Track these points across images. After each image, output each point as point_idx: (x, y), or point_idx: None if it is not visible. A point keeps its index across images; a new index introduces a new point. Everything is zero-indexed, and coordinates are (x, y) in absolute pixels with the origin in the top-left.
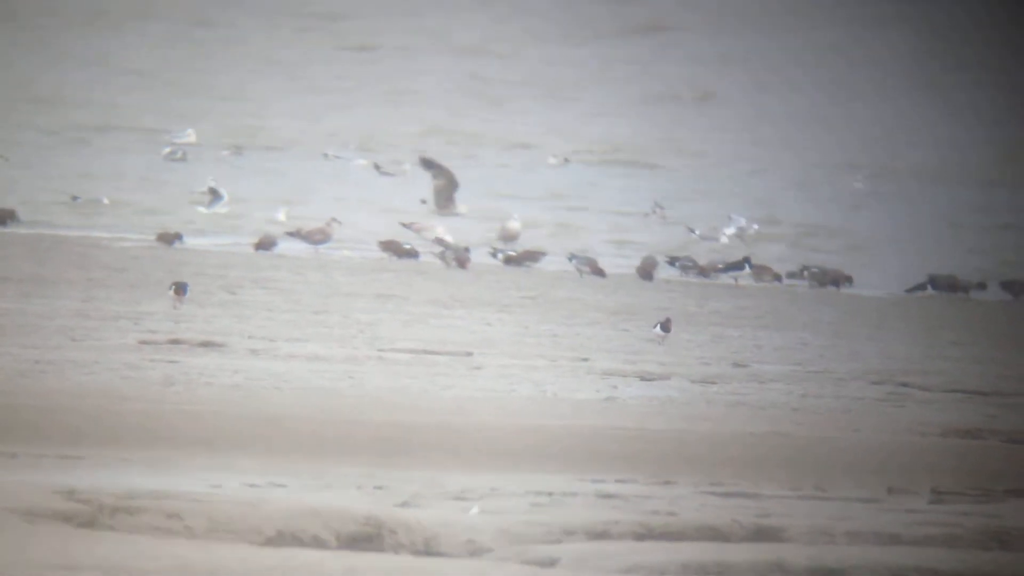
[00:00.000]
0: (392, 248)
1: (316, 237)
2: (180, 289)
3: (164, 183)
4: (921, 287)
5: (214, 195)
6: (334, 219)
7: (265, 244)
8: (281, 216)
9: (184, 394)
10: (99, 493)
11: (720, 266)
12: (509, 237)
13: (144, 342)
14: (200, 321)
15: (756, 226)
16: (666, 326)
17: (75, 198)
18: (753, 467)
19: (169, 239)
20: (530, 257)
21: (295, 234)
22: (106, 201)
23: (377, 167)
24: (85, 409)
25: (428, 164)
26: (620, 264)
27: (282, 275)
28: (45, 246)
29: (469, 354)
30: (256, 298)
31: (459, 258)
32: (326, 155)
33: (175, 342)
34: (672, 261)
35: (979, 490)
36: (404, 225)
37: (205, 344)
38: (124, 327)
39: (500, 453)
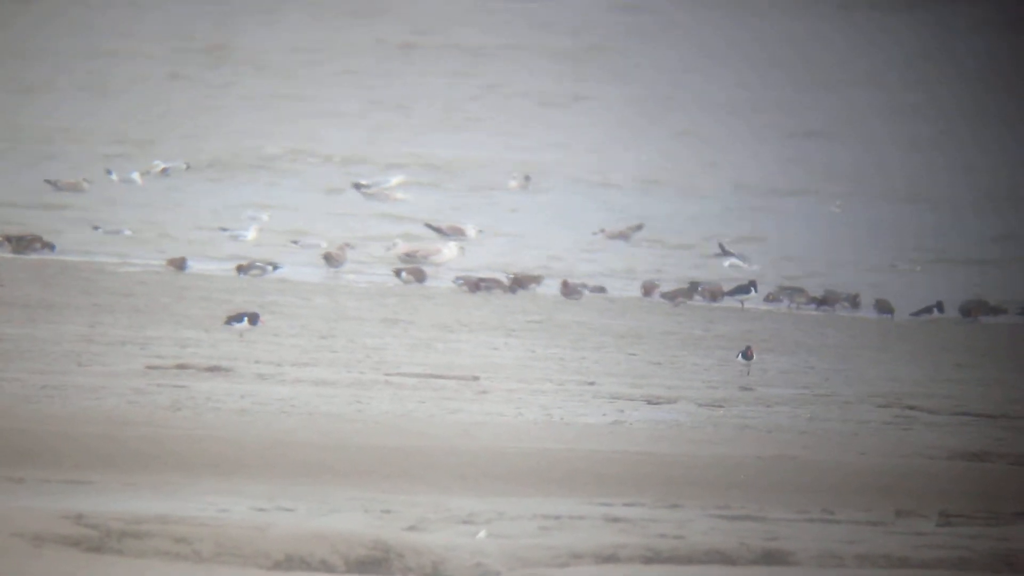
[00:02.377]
0: (414, 274)
1: (331, 261)
2: (253, 319)
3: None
4: (927, 310)
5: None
6: (347, 244)
7: (245, 268)
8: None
9: (191, 419)
10: (106, 518)
11: (727, 289)
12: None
13: (151, 367)
14: (207, 346)
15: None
16: (747, 354)
17: (95, 228)
18: (760, 490)
19: (179, 264)
20: (533, 281)
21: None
22: (128, 232)
23: (358, 186)
24: (92, 434)
25: None
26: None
27: (288, 300)
28: (50, 271)
29: (476, 378)
30: (262, 323)
31: (469, 282)
32: (357, 184)
33: (182, 367)
34: (694, 286)
35: (987, 513)
36: (408, 254)
37: (212, 369)
38: (131, 352)
39: (507, 477)
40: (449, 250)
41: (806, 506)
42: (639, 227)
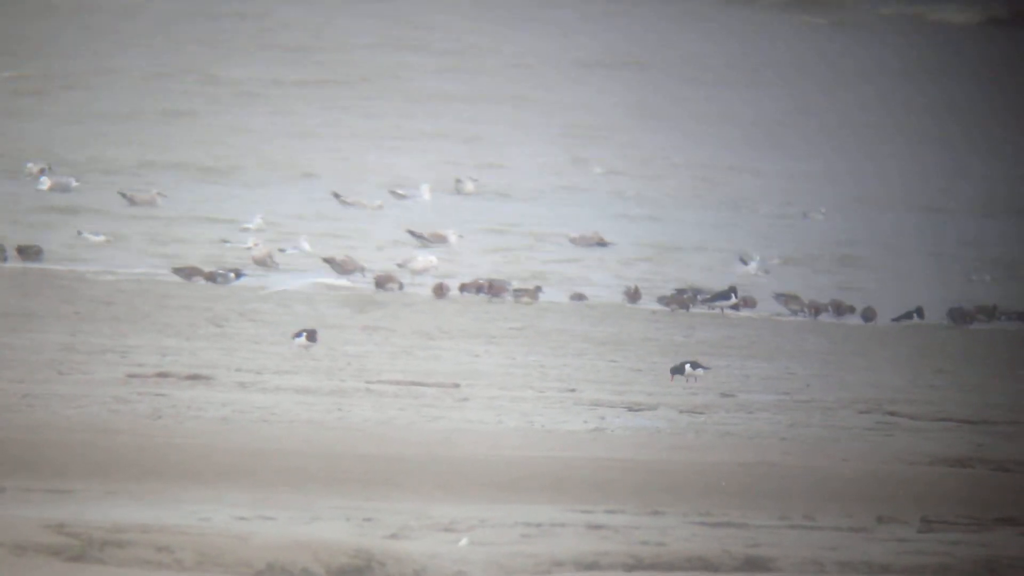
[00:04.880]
0: (387, 281)
1: (348, 267)
2: (311, 336)
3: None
4: (908, 316)
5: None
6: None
7: (211, 276)
8: (306, 246)
9: (172, 427)
10: (88, 526)
11: (707, 295)
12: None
13: (132, 375)
14: (187, 354)
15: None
16: (679, 369)
17: (79, 233)
18: (742, 497)
19: (188, 274)
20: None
21: (329, 261)
22: (101, 238)
23: (337, 196)
24: (73, 443)
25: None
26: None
27: (269, 308)
28: (31, 280)
29: (456, 386)
30: (243, 331)
31: (529, 293)
32: (338, 196)
33: (163, 375)
34: (695, 293)
35: (969, 519)
36: (400, 265)
37: (193, 377)
38: (111, 360)
39: (489, 484)
40: (425, 258)
41: (788, 512)
42: (604, 242)
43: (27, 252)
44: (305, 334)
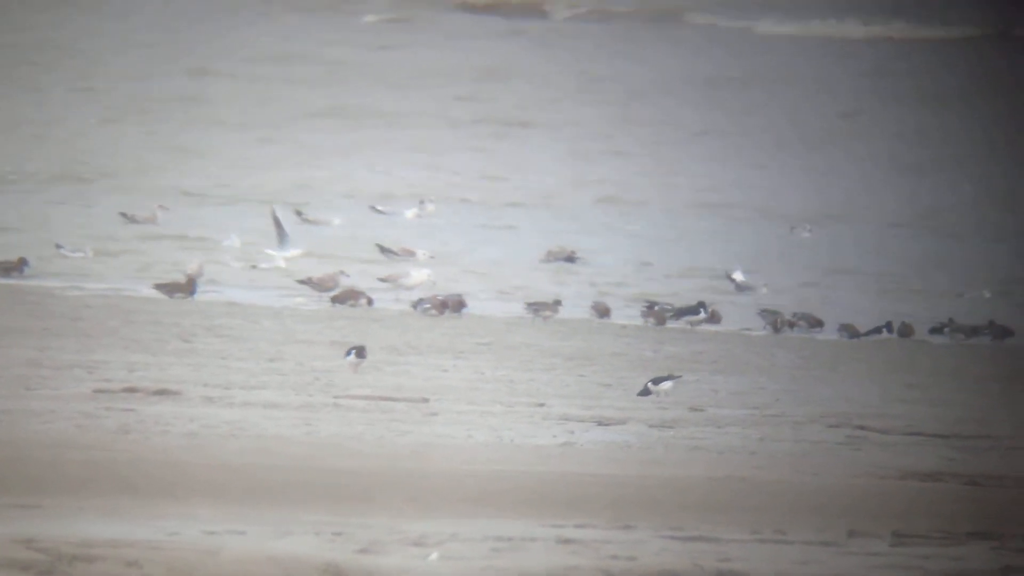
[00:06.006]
0: (348, 298)
1: (327, 284)
2: (360, 353)
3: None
4: (877, 331)
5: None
6: (341, 271)
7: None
8: (281, 263)
9: (140, 442)
10: (57, 542)
11: (676, 309)
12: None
13: (99, 391)
14: (155, 369)
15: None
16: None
17: (59, 247)
18: (713, 511)
19: (172, 289)
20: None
21: (306, 282)
22: (80, 254)
23: (299, 213)
24: (41, 458)
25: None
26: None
27: (237, 323)
28: None
29: (425, 400)
30: (211, 346)
31: (537, 305)
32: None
33: (130, 391)
34: (676, 311)
35: (940, 532)
36: (382, 279)
37: (160, 392)
38: (79, 376)
39: (458, 499)
40: (419, 273)
41: (758, 527)
42: (573, 257)
43: (7, 267)
44: (355, 351)
